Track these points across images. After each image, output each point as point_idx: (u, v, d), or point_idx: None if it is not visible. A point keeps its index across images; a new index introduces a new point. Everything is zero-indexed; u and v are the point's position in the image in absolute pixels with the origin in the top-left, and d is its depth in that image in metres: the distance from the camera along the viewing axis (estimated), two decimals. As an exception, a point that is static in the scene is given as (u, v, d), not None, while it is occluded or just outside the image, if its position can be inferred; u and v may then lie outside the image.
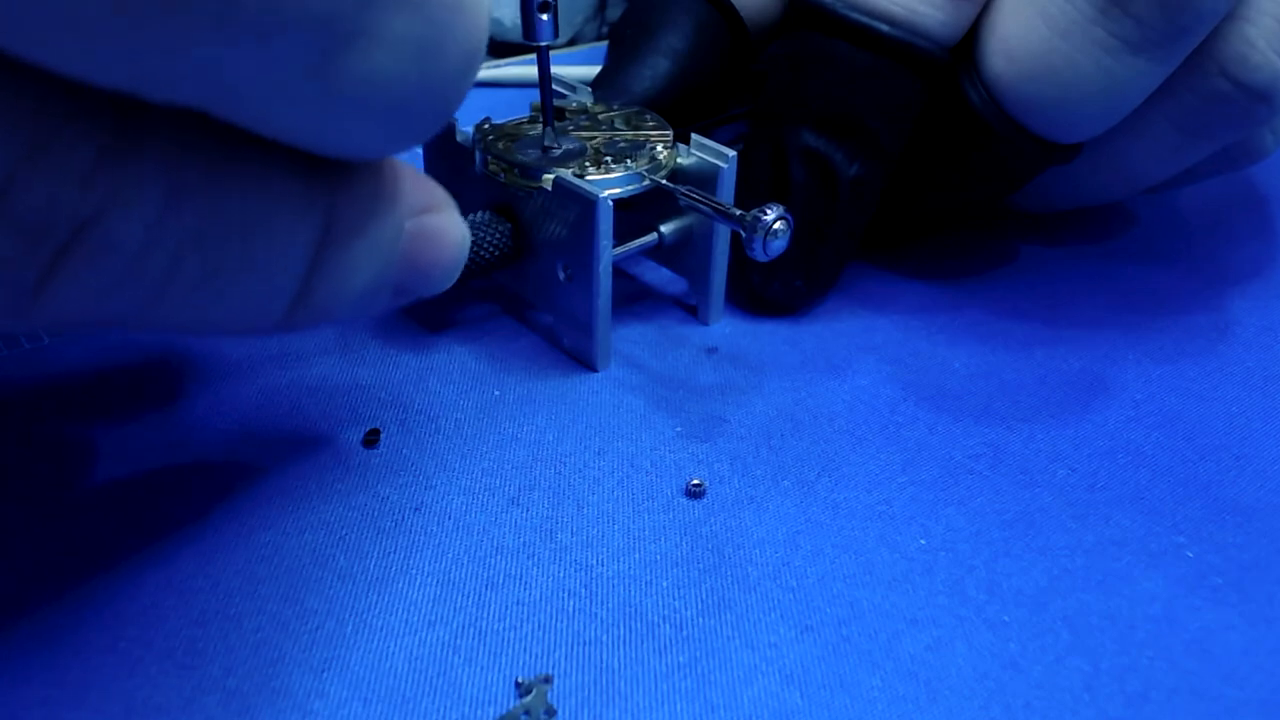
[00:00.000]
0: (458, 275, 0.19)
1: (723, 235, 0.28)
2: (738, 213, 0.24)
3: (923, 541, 0.23)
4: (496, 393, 0.27)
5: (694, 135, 0.27)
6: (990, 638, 0.20)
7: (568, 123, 0.29)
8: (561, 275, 0.26)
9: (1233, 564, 0.22)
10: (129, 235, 0.13)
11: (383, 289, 0.18)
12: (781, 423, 0.26)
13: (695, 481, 0.24)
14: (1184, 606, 0.21)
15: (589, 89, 0.31)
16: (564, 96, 0.31)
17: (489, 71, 0.44)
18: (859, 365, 0.28)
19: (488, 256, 0.27)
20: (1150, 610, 0.21)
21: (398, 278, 0.18)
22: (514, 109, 0.30)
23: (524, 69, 0.44)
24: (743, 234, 0.24)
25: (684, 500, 0.23)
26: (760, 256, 0.24)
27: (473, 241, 0.26)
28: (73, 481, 0.23)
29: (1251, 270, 0.33)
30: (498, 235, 0.27)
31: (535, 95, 0.27)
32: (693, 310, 0.30)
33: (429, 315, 0.29)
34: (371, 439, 0.25)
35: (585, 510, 0.23)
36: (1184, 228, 0.35)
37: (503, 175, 0.27)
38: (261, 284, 0.15)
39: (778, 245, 0.24)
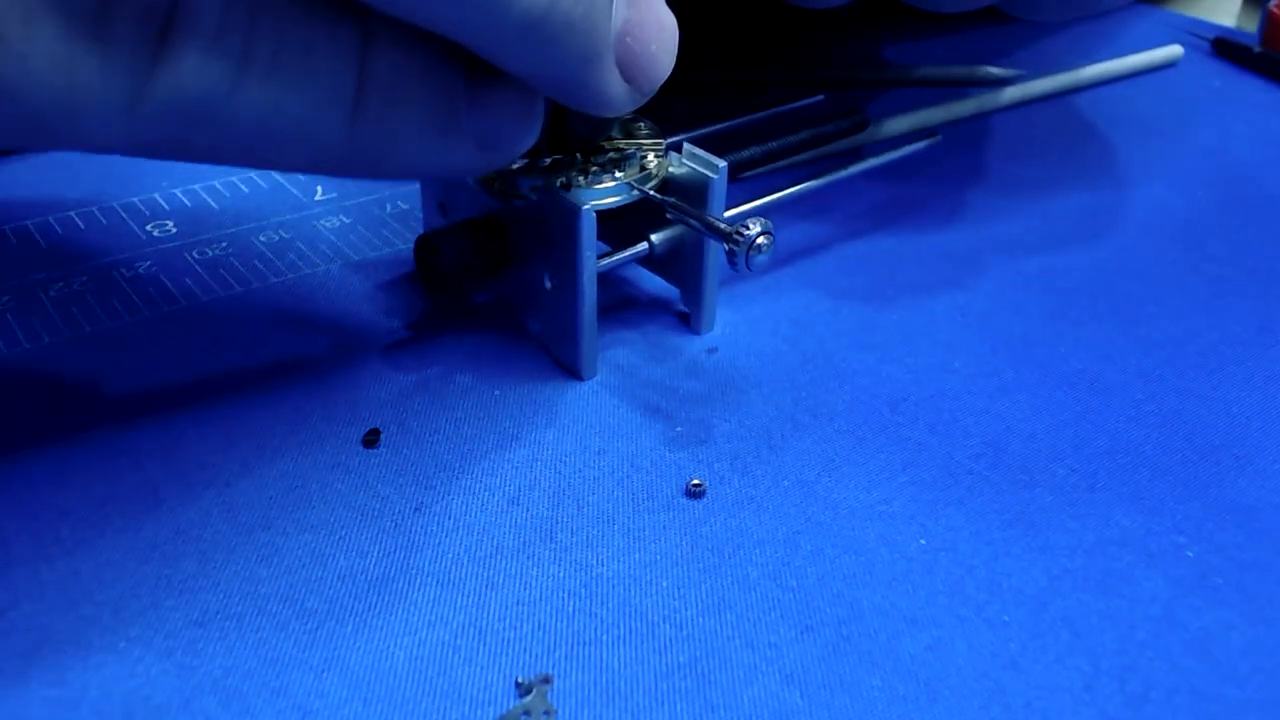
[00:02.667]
0: (528, 137, 0.21)
1: (714, 245, 0.28)
2: (723, 226, 0.25)
3: (923, 541, 0.23)
4: (496, 393, 0.27)
5: (686, 144, 0.27)
6: (990, 638, 0.20)
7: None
8: (548, 284, 0.26)
9: (1233, 564, 0.22)
10: (209, 9, 0.16)
11: (448, 113, 0.20)
12: (781, 423, 0.26)
13: (695, 481, 0.24)
14: (1184, 606, 0.21)
15: None
16: None
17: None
18: (859, 365, 0.28)
19: (476, 265, 0.27)
20: (1150, 610, 0.21)
21: (468, 111, 0.20)
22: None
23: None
24: (726, 247, 0.24)
25: (684, 500, 0.23)
26: (744, 270, 0.24)
27: (461, 249, 0.26)
28: (71, 481, 0.23)
29: (1250, 271, 0.33)
30: (487, 244, 0.27)
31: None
32: (686, 318, 0.29)
33: (430, 315, 0.29)
34: (371, 439, 0.25)
35: (585, 510, 0.23)
36: (1179, 229, 0.35)
37: (491, 185, 0.26)
38: (323, 70, 0.18)
39: (762, 259, 0.24)
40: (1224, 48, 0.50)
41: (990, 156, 0.40)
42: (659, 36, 0.20)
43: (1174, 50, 0.49)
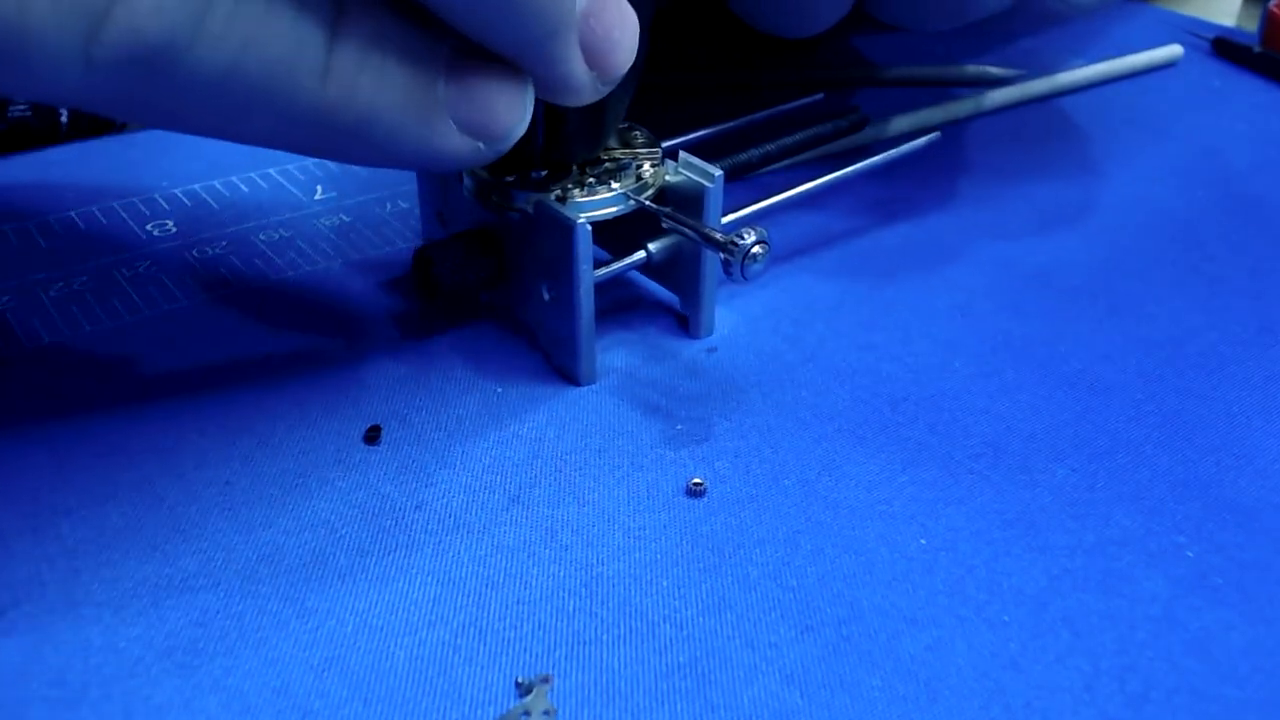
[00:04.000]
0: (519, 124, 0.21)
1: (711, 252, 0.27)
2: (718, 236, 0.25)
3: (923, 541, 0.23)
4: (498, 390, 0.27)
5: (682, 153, 0.27)
6: (990, 638, 0.20)
7: None
8: (545, 296, 0.26)
9: (1233, 564, 0.22)
10: None
11: (427, 90, 0.20)
12: (782, 422, 0.26)
13: (696, 480, 0.24)
14: (1184, 606, 0.21)
15: None
16: None
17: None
18: (859, 364, 0.28)
19: (473, 278, 0.27)
20: (1150, 610, 0.21)
21: (450, 94, 0.20)
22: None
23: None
24: (721, 257, 0.24)
25: (684, 499, 0.23)
26: (740, 280, 0.24)
27: (456, 264, 0.26)
28: (72, 479, 0.23)
29: (1250, 271, 0.33)
30: (481, 258, 0.27)
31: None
32: (685, 320, 0.29)
33: (430, 314, 0.29)
34: (372, 436, 0.25)
35: (586, 509, 0.23)
36: (1179, 229, 0.35)
37: (486, 198, 0.26)
38: (291, 23, 0.18)
39: (757, 269, 0.24)
40: (1224, 48, 0.50)
41: (989, 156, 0.40)
42: (621, 23, 0.21)
43: (1174, 50, 0.49)
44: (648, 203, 0.27)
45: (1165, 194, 0.38)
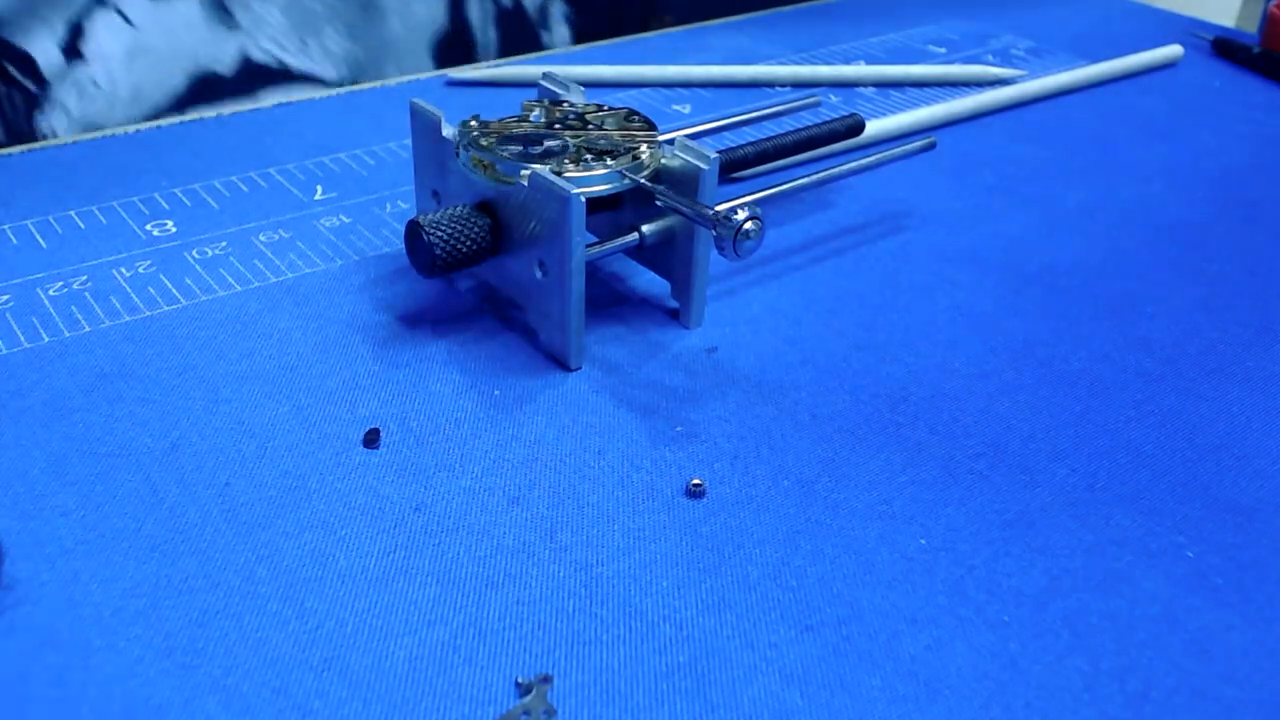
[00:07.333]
0: None
1: (704, 238, 0.28)
2: (710, 213, 0.25)
3: (923, 541, 0.23)
4: (496, 392, 0.27)
5: (678, 137, 0.28)
6: (990, 638, 0.20)
7: (555, 121, 0.29)
8: (538, 272, 0.26)
9: (1233, 564, 0.22)
10: None
11: None
12: (781, 422, 0.26)
13: (695, 481, 0.24)
14: (1184, 606, 0.21)
15: (581, 88, 0.31)
16: (556, 95, 0.31)
17: (487, 71, 0.44)
18: (859, 365, 0.28)
19: (465, 250, 0.27)
20: (1150, 610, 0.21)
21: None
22: (509, 107, 0.30)
23: (519, 69, 0.44)
24: (714, 233, 0.25)
25: (684, 500, 0.23)
26: (732, 257, 0.24)
27: (452, 235, 0.27)
28: (71, 481, 0.23)
29: (1250, 271, 0.33)
30: (476, 229, 0.27)
31: (529, 94, 0.28)
32: (678, 315, 0.30)
33: (429, 315, 0.29)
34: (371, 439, 0.25)
35: (585, 510, 0.23)
36: (1179, 229, 0.35)
37: (483, 171, 0.27)
38: None
39: (750, 245, 0.24)
40: (1224, 48, 0.50)
41: (990, 156, 0.40)
42: None
43: (1174, 50, 0.49)
44: (642, 180, 0.27)
45: (1165, 194, 0.38)
